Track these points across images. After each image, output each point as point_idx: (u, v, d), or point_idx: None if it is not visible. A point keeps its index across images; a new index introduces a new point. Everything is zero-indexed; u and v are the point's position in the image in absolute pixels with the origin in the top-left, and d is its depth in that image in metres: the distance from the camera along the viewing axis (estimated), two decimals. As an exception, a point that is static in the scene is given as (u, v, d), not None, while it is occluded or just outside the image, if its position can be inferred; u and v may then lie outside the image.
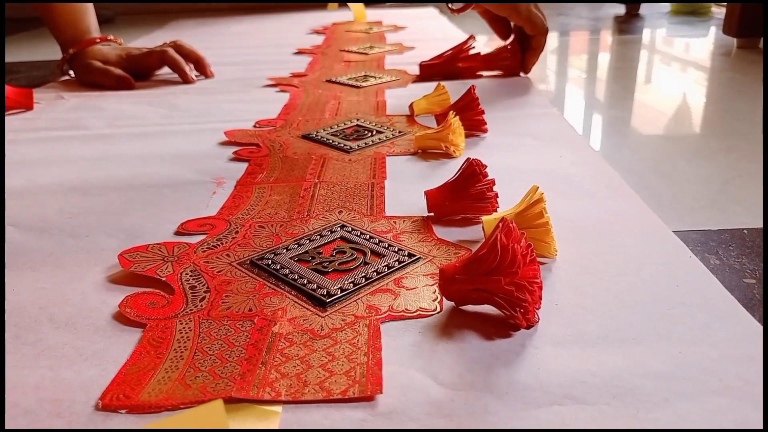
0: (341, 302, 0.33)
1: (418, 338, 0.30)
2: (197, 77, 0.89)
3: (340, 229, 0.41)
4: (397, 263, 0.37)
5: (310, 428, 0.25)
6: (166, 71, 0.91)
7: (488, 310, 0.32)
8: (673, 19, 1.54)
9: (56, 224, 0.44)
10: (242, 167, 0.54)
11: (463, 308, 0.32)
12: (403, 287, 0.34)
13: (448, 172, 0.49)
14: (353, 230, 0.41)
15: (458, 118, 0.56)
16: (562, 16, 1.61)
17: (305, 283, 0.35)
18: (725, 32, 1.14)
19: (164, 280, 0.36)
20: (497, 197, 0.42)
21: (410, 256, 0.38)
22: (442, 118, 0.61)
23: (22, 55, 1.28)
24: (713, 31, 1.35)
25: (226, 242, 0.40)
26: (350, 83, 0.83)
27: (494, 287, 0.30)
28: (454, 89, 0.66)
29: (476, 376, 0.27)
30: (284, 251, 0.39)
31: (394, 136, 0.60)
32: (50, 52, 1.12)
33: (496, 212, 0.42)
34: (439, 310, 0.32)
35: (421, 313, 0.32)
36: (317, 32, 1.30)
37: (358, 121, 0.65)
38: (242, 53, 1.09)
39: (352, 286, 0.34)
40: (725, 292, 0.33)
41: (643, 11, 1.64)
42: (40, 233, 0.43)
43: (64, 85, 0.89)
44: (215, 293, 0.34)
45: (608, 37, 1.36)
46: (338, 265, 0.37)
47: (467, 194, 0.42)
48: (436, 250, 0.39)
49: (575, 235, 0.40)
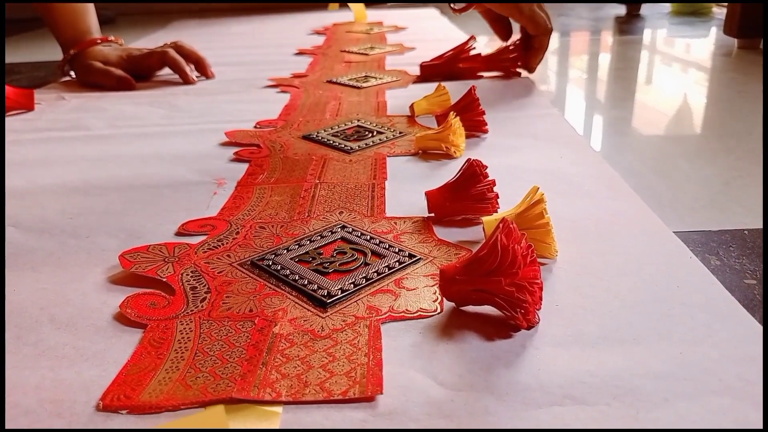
0: (342, 303, 0.33)
1: (418, 339, 0.30)
2: (198, 78, 0.89)
3: (340, 229, 0.41)
4: (397, 264, 0.37)
5: (310, 429, 0.25)
6: (166, 72, 0.91)
7: (488, 310, 0.32)
8: (673, 19, 1.54)
9: (57, 225, 0.44)
10: (243, 168, 0.54)
11: (463, 309, 0.32)
12: (403, 288, 0.34)
13: (448, 172, 0.49)
14: (354, 231, 0.41)
15: (459, 118, 0.56)
16: (562, 16, 1.61)
17: (306, 283, 0.35)
18: (726, 33, 1.14)
19: (165, 280, 0.36)
20: (498, 198, 0.42)
21: (411, 256, 0.38)
22: (442, 118, 0.61)
23: (22, 55, 1.28)
24: (714, 31, 1.35)
25: (226, 243, 0.40)
26: (351, 84, 0.83)
27: (494, 288, 0.30)
28: (454, 90, 0.66)
29: (476, 376, 0.27)
30: (285, 252, 0.39)
31: (394, 136, 0.60)
32: (51, 52, 1.12)
33: (496, 213, 0.42)
34: (439, 310, 0.32)
35: (421, 313, 0.32)
36: (318, 33, 1.30)
37: (358, 121, 0.65)
38: (243, 54, 1.09)
39: (352, 286, 0.34)
40: (726, 292, 0.33)
41: (643, 12, 1.64)
42: (40, 234, 0.43)
43: (64, 85, 0.89)
44: (216, 294, 0.34)
45: (609, 37, 1.36)
46: (339, 265, 0.37)
47: (468, 195, 0.42)
48: (436, 250, 0.39)
49: (576, 235, 0.40)
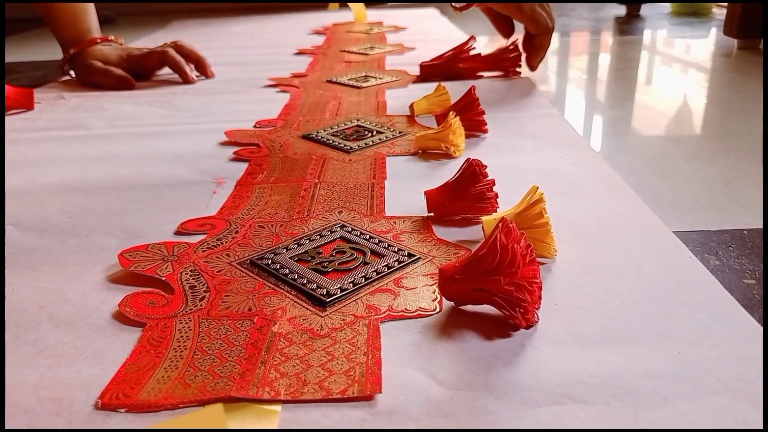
0: (341, 302, 0.33)
1: (417, 338, 0.30)
2: (198, 77, 0.89)
3: (340, 229, 0.41)
4: (396, 263, 0.37)
5: (309, 428, 0.25)
6: (166, 71, 0.91)
7: (488, 310, 0.32)
8: (673, 20, 1.54)
9: (56, 224, 0.44)
10: (242, 167, 0.54)
11: (462, 308, 0.32)
12: (402, 287, 0.34)
13: (448, 172, 0.49)
14: (353, 230, 0.41)
15: (458, 118, 0.56)
16: (563, 17, 1.61)
17: (305, 282, 0.35)
18: (726, 33, 1.14)
19: (164, 279, 0.36)
20: (497, 197, 0.42)
21: (410, 256, 0.38)
22: (442, 118, 0.61)
23: (22, 55, 1.28)
24: (714, 32, 1.35)
25: (226, 242, 0.40)
26: (351, 84, 0.83)
27: (494, 287, 0.30)
28: (454, 90, 0.66)
29: (476, 375, 0.27)
30: (284, 251, 0.39)
31: (394, 136, 0.60)
32: (51, 52, 1.12)
33: (495, 212, 0.42)
34: (438, 310, 0.32)
35: (420, 312, 0.32)
36: (318, 33, 1.30)
37: (358, 121, 0.65)
38: (243, 53, 1.09)
39: (351, 285, 0.34)
40: (725, 292, 0.33)
41: (643, 12, 1.64)
42: (40, 233, 0.43)
43: (64, 85, 0.89)
44: (215, 293, 0.34)
45: (609, 37, 1.36)
46: (338, 265, 0.37)
47: (467, 194, 0.42)
48: (435, 250, 0.39)
49: (575, 235, 0.40)
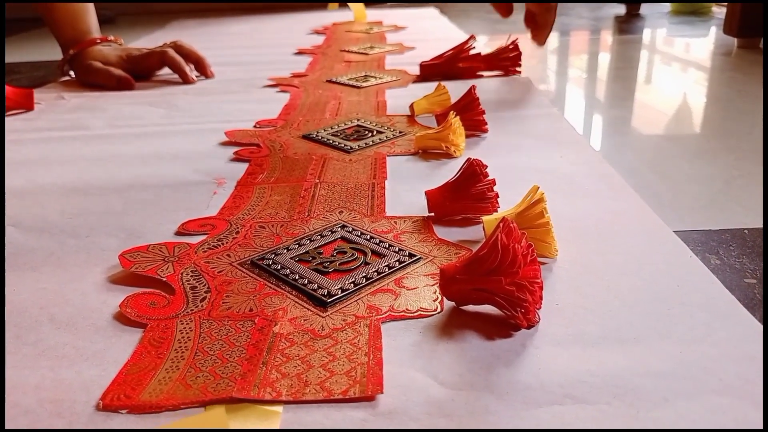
0: (342, 302, 0.33)
1: (418, 338, 0.30)
2: (197, 78, 0.89)
3: (340, 229, 0.41)
4: (397, 263, 0.37)
5: (311, 428, 0.25)
6: (166, 72, 0.91)
7: (489, 310, 0.32)
8: (673, 19, 1.54)
9: (57, 224, 0.44)
10: (243, 167, 0.54)
11: (463, 308, 0.32)
12: (403, 287, 0.34)
13: (448, 172, 0.49)
14: (354, 230, 0.41)
15: (459, 118, 0.56)
16: (562, 16, 1.61)
17: (306, 283, 0.35)
18: (726, 32, 1.14)
19: (165, 280, 0.36)
20: (498, 197, 0.42)
21: (411, 256, 0.38)
22: (442, 118, 0.61)
23: (22, 55, 1.28)
24: (714, 31, 1.35)
25: (226, 242, 0.40)
26: (351, 83, 0.83)
27: (495, 287, 0.30)
28: (454, 89, 0.66)
29: (477, 375, 0.27)
30: (285, 251, 0.39)
31: (394, 136, 0.60)
32: (51, 52, 1.12)
33: (496, 212, 0.42)
34: (439, 310, 0.32)
35: (421, 313, 0.32)
36: (318, 32, 1.30)
37: (358, 121, 0.65)
38: (243, 53, 1.09)
39: (352, 286, 0.34)
40: (726, 291, 0.33)
41: (643, 11, 1.64)
42: (40, 233, 0.43)
43: (64, 85, 0.89)
44: (216, 293, 0.34)
45: (609, 37, 1.36)
46: (339, 265, 0.37)
47: (468, 194, 0.42)
48: (436, 250, 0.39)
49: (576, 235, 0.40)
